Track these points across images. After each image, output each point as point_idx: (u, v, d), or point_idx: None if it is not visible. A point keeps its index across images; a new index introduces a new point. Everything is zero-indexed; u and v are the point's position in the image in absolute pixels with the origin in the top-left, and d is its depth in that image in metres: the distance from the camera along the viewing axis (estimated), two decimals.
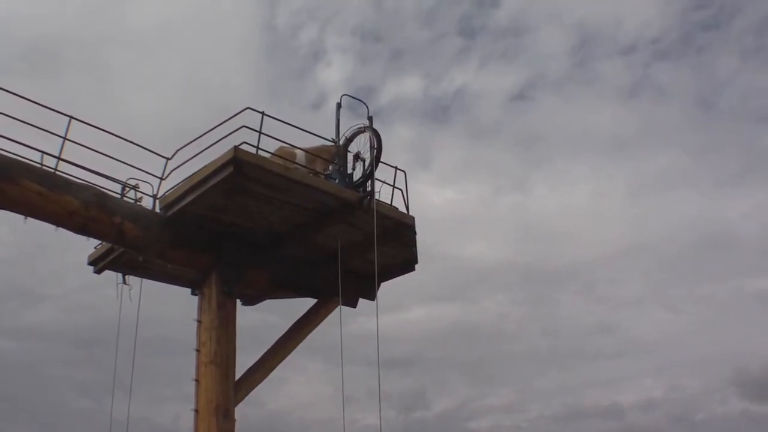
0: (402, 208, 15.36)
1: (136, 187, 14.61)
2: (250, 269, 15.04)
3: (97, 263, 15.85)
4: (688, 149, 53.67)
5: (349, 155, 15.51)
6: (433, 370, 49.84)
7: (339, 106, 15.81)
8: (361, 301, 16.70)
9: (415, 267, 16.28)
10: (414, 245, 15.70)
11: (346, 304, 15.90)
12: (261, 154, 13.84)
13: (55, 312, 43.91)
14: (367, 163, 15.20)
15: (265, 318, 19.61)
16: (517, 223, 51.19)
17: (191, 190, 13.88)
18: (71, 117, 13.45)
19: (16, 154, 12.89)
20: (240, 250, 14.90)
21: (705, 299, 48.78)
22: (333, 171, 15.35)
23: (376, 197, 14.74)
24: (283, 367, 15.87)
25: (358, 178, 15.18)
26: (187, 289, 16.15)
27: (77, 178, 13.51)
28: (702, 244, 50.12)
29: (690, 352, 45.79)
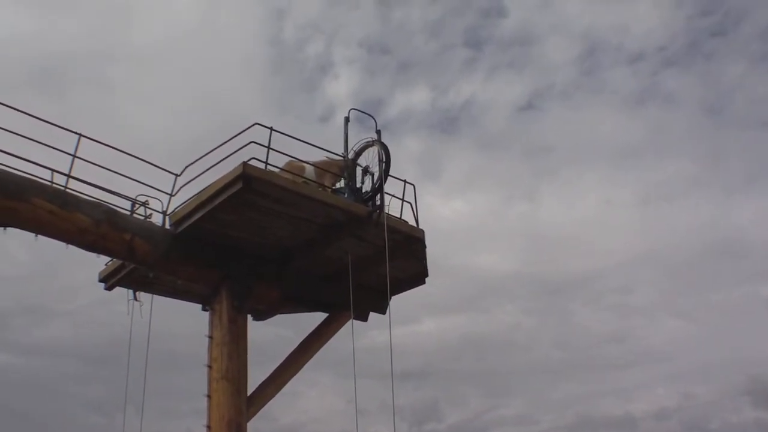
0: (411, 221, 15.33)
1: (145, 204, 14.61)
2: (260, 284, 15.01)
3: (108, 280, 15.85)
4: (696, 156, 53.63)
5: (358, 169, 15.47)
6: (445, 382, 49.67)
7: (347, 120, 15.79)
8: (372, 313, 16.66)
9: (426, 280, 16.25)
10: (424, 258, 15.68)
11: (357, 318, 15.84)
12: (270, 170, 13.83)
13: (66, 328, 43.99)
14: (376, 176, 15.18)
15: (277, 332, 19.60)
16: (526, 233, 51.10)
17: (201, 206, 13.87)
18: (80, 134, 13.48)
19: (27, 173, 12.90)
20: (250, 266, 14.86)
21: (716, 306, 48.50)
22: (343, 185, 15.33)
23: (386, 211, 14.72)
24: (295, 382, 15.84)
25: (367, 191, 15.15)
26: (198, 305, 16.09)
27: (87, 196, 13.52)
28: (712, 251, 49.95)
29: (702, 360, 45.59)
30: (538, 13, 54.41)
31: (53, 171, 13.23)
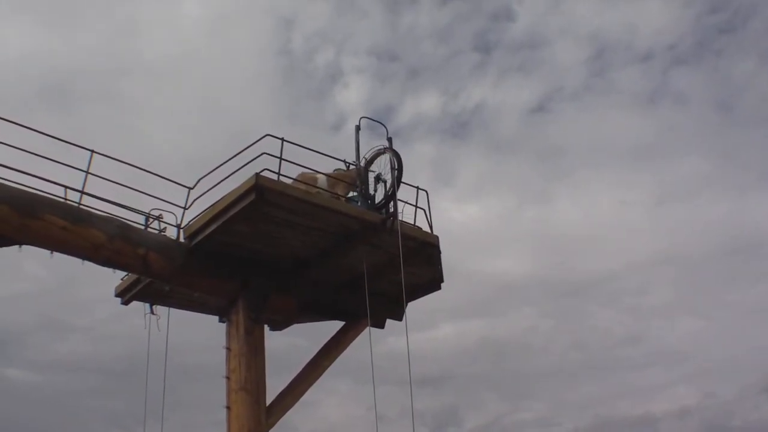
0: (425, 228, 15.27)
1: (159, 218, 14.62)
2: (276, 295, 15.00)
3: (124, 294, 15.85)
4: (709, 154, 53.31)
5: (370, 176, 15.45)
6: (464, 386, 49.51)
7: (358, 128, 15.76)
8: (388, 320, 16.62)
9: (441, 286, 16.17)
10: (439, 264, 15.60)
11: (374, 326, 15.72)
12: (282, 180, 13.80)
13: (84, 344, 44.03)
14: (388, 184, 15.13)
15: (294, 342, 19.58)
16: (541, 236, 50.91)
17: (214, 219, 13.85)
18: (93, 151, 13.49)
19: (39, 190, 12.90)
20: (265, 277, 14.85)
21: (733, 305, 48.27)
22: (355, 193, 15.34)
23: (399, 218, 14.64)
24: (314, 390, 15.79)
25: (380, 199, 15.11)
26: (215, 317, 16.05)
27: (101, 211, 13.53)
28: (728, 250, 49.73)
29: (722, 358, 45.34)
30: (547, 15, 54.43)
31: (66, 187, 13.21)
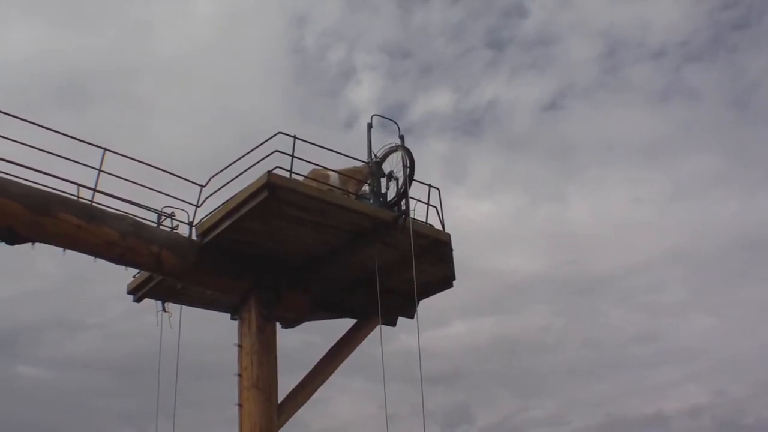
0: (437, 225, 15.25)
1: (172, 216, 14.68)
2: (288, 292, 14.97)
3: (137, 292, 15.91)
4: (722, 151, 53.12)
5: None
6: (476, 384, 49.47)
7: (370, 126, 15.72)
8: (400, 318, 16.61)
9: (453, 283, 16.18)
10: (451, 262, 15.59)
11: (385, 323, 15.75)
12: (294, 178, 13.83)
13: (96, 341, 44.14)
14: (400, 182, 15.11)
15: (305, 340, 19.60)
16: (554, 234, 50.76)
17: (227, 217, 13.88)
18: (105, 149, 13.56)
19: (53, 188, 12.96)
20: (277, 274, 14.86)
21: (748, 302, 48.01)
22: (367, 191, 15.33)
23: (411, 216, 14.65)
24: (326, 388, 15.85)
25: (392, 197, 15.10)
26: (227, 314, 16.11)
27: (113, 209, 13.58)
28: (741, 247, 49.30)
29: (734, 356, 45.16)
30: (559, 12, 54.43)
31: (79, 186, 13.28)
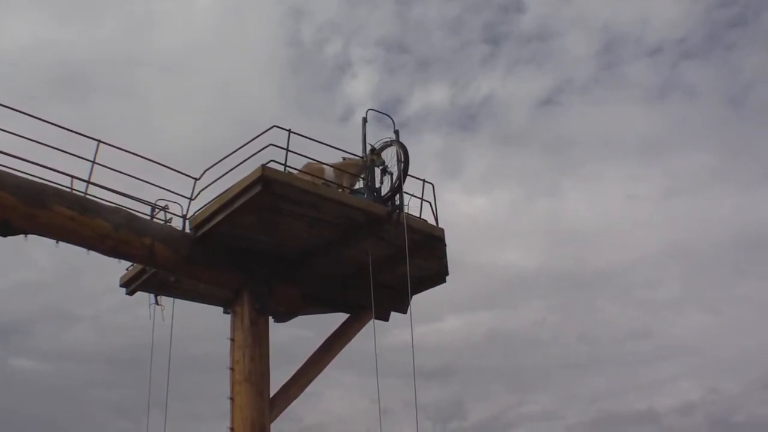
0: (431, 220, 15.34)
1: (165, 208, 14.72)
2: (281, 286, 15.08)
3: (130, 285, 15.95)
4: (719, 149, 52.93)
5: (377, 169, 15.47)
6: (470, 379, 49.47)
7: (365, 120, 15.85)
8: (394, 312, 16.59)
9: (447, 279, 16.24)
10: (444, 257, 15.65)
11: (378, 318, 15.77)
12: (289, 172, 13.88)
13: (90, 334, 44.16)
14: (394, 176, 15.18)
15: (298, 334, 19.63)
16: (549, 229, 50.80)
17: (220, 210, 13.94)
18: (99, 141, 13.58)
19: (46, 180, 13.00)
20: (271, 268, 14.93)
21: (743, 300, 48.05)
22: (362, 185, 15.45)
23: (405, 210, 14.75)
24: (318, 382, 15.89)
25: (386, 192, 15.16)
26: (220, 308, 16.08)
27: (107, 201, 13.62)
28: (738, 244, 49.36)
29: (728, 353, 45.19)
30: (557, 7, 54.37)
31: (73, 177, 13.32)
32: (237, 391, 14.16)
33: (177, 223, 14.65)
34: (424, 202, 15.31)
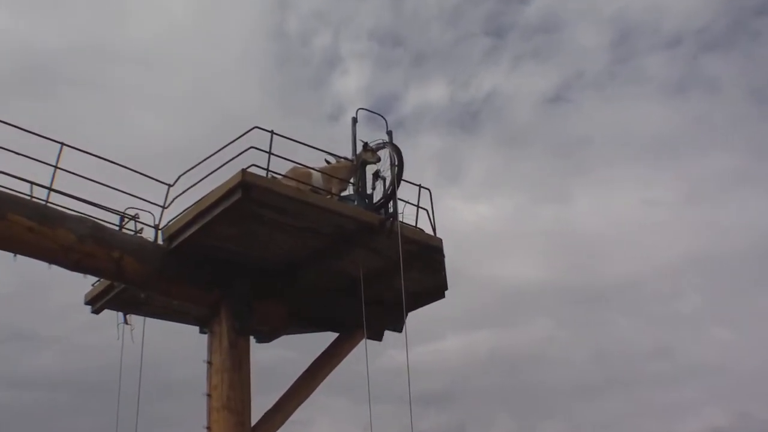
0: (428, 229, 15.30)
1: (135, 218, 14.63)
2: (263, 303, 15.01)
3: (96, 302, 15.87)
4: (742, 149, 53.02)
5: (369, 174, 15.56)
6: (473, 404, 49.09)
7: (355, 120, 15.90)
8: (388, 332, 16.63)
9: (446, 293, 16.21)
10: (443, 270, 15.61)
11: (371, 338, 15.66)
12: (272, 177, 13.86)
13: (55, 356, 43.90)
14: (388, 181, 15.23)
15: (283, 355, 19.64)
16: (558, 238, 50.65)
17: (196, 219, 13.88)
18: (62, 143, 13.47)
19: (2, 186, 12.88)
20: (252, 283, 14.87)
21: None
22: (352, 191, 15.47)
23: (400, 219, 14.68)
24: (305, 408, 15.83)
25: (379, 198, 15.21)
26: (195, 327, 16.07)
27: (71, 210, 13.49)
28: (763, 253, 49.41)
29: (757, 373, 45.12)
30: None
31: (32, 184, 13.20)
32: (215, 420, 14.06)
33: (148, 234, 14.58)
34: (420, 209, 15.26)
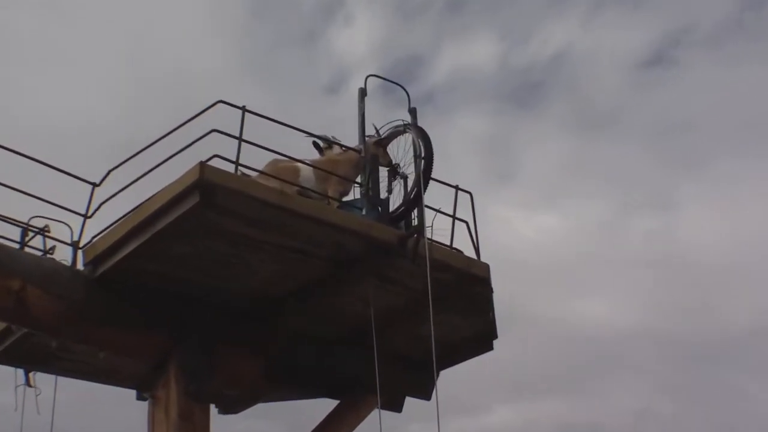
0: (469, 251, 15.05)
1: (45, 231, 14.35)
2: (230, 356, 14.72)
3: None
4: None
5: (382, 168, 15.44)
6: None
7: (363, 93, 15.60)
8: (410, 400, 16.67)
9: (494, 344, 16.09)
10: (490, 310, 15.32)
11: (386, 407, 15.74)
12: (243, 174, 13.69)
13: None
14: (410, 181, 15.01)
15: (260, 429, 19.54)
16: (657, 263, 50.04)
17: (133, 234, 13.33)
18: None
19: None
20: (213, 327, 14.60)
21: None
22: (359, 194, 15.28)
23: (428, 235, 14.34)
24: None
25: (397, 205, 14.92)
26: (132, 391, 16.03)
27: None
28: None
29: None
30: None
31: None
32: None
33: (63, 255, 14.21)
34: (457, 221, 15.08)
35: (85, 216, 14.07)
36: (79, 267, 14.06)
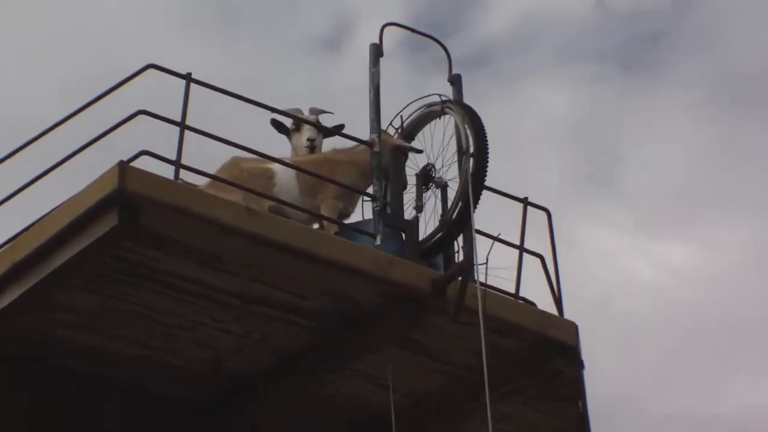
0: (546, 303, 13.78)
1: None
2: None
3: None
4: None
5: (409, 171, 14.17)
6: None
7: (378, 51, 14.40)
8: None
9: None
10: (580, 398, 13.95)
11: None
12: (183, 182, 12.60)
13: None
14: (452, 192, 13.79)
15: None
16: None
17: (14, 274, 12.18)
18: None
19: None
20: (139, 422, 13.38)
21: None
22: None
23: (482, 278, 12.87)
24: None
25: (431, 231, 13.74)
26: None
27: None
28: None
29: None
30: None
31: None
32: None
33: None
34: (527, 255, 14.08)
35: None
36: None
